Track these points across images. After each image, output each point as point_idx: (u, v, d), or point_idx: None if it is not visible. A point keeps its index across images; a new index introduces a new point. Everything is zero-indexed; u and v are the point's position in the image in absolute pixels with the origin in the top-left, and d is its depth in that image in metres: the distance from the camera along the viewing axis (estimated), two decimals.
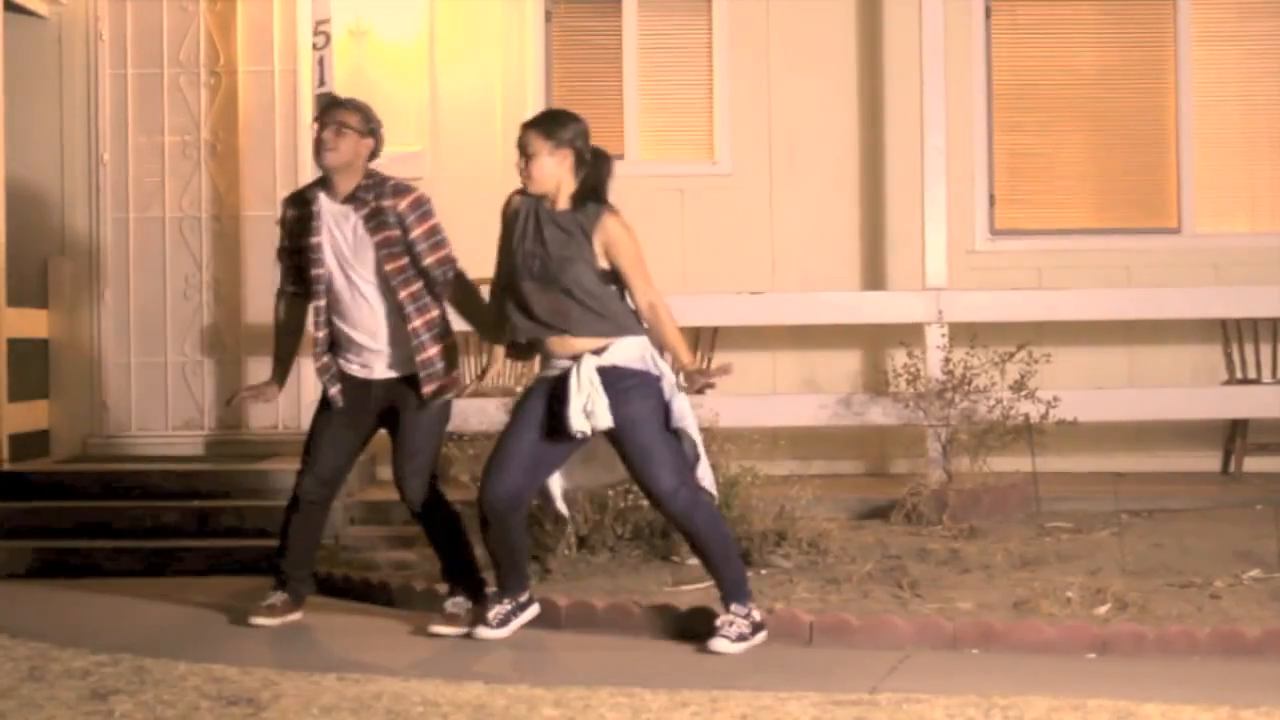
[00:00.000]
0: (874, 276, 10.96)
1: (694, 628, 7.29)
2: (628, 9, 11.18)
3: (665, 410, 7.08)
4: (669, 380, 7.16)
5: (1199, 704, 5.89)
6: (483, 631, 7.25)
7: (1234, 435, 10.49)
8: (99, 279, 11.07)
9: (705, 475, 7.17)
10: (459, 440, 8.68)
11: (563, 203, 7.17)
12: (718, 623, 7.02)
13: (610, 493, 8.27)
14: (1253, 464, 10.43)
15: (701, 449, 7.19)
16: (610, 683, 6.30)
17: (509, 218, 7.28)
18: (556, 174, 7.16)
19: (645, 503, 8.32)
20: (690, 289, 10.66)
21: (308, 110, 10.52)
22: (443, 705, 5.97)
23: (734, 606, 7.04)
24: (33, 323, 10.84)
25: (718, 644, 6.95)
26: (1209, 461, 10.68)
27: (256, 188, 11.10)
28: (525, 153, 7.18)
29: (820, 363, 10.88)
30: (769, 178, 11.11)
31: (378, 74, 11.02)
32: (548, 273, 7.09)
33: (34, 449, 10.80)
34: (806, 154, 11.08)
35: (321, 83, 10.06)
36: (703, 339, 10.70)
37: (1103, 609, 7.30)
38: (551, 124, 7.25)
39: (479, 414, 9.28)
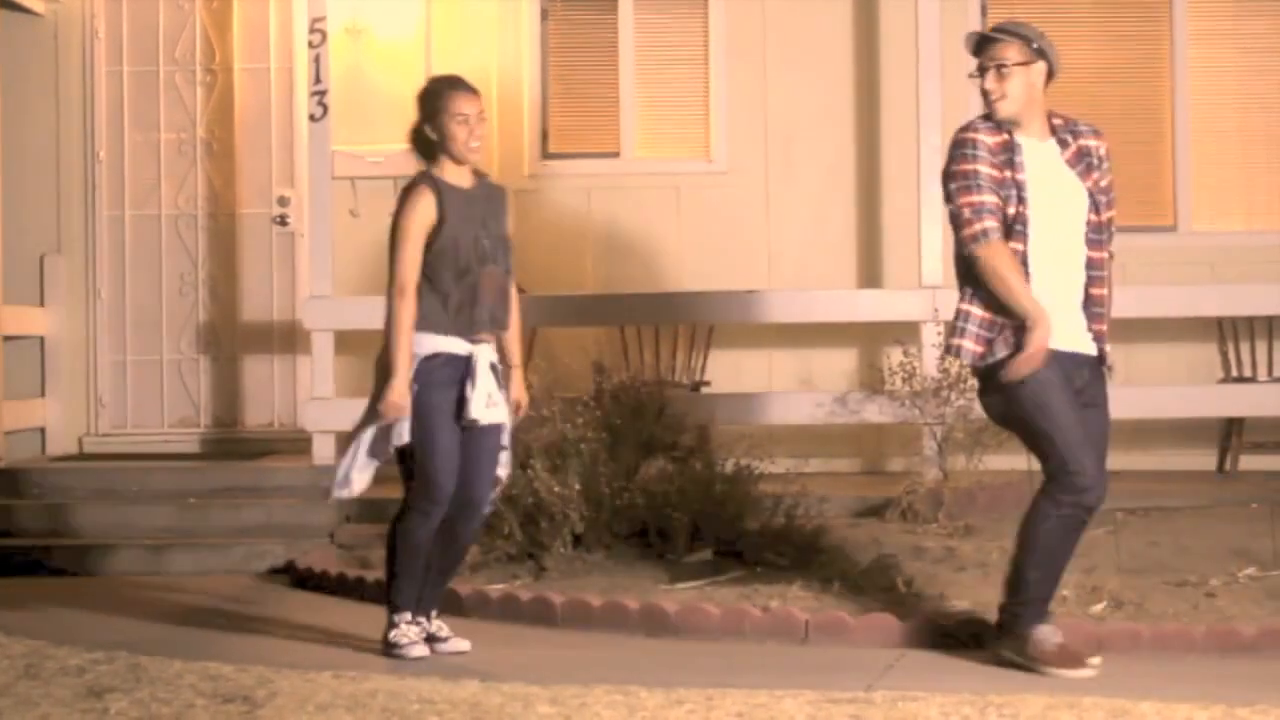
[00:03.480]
0: (870, 274, 10.96)
1: (691, 626, 7.30)
2: (624, 7, 11.17)
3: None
4: None
5: (1195, 702, 5.89)
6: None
7: (1230, 433, 10.49)
8: (95, 277, 11.07)
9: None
10: None
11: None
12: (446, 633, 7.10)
13: (606, 491, 8.27)
14: (1248, 462, 10.43)
15: None
16: (606, 681, 6.30)
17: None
18: None
19: (642, 501, 8.36)
20: (686, 287, 10.65)
21: (304, 108, 10.51)
22: (438, 703, 5.97)
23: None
24: (29, 320, 10.84)
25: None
26: (1205, 460, 10.68)
27: (252, 185, 11.10)
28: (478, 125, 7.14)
29: (816, 361, 10.88)
30: (765, 176, 11.10)
31: (374, 72, 11.02)
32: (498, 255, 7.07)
33: (30, 447, 10.81)
34: (803, 152, 11.07)
35: (317, 80, 10.05)
36: (698, 337, 10.70)
37: (1098, 607, 7.31)
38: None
39: None
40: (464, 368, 6.92)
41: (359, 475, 6.99)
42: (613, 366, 9.46)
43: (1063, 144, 6.72)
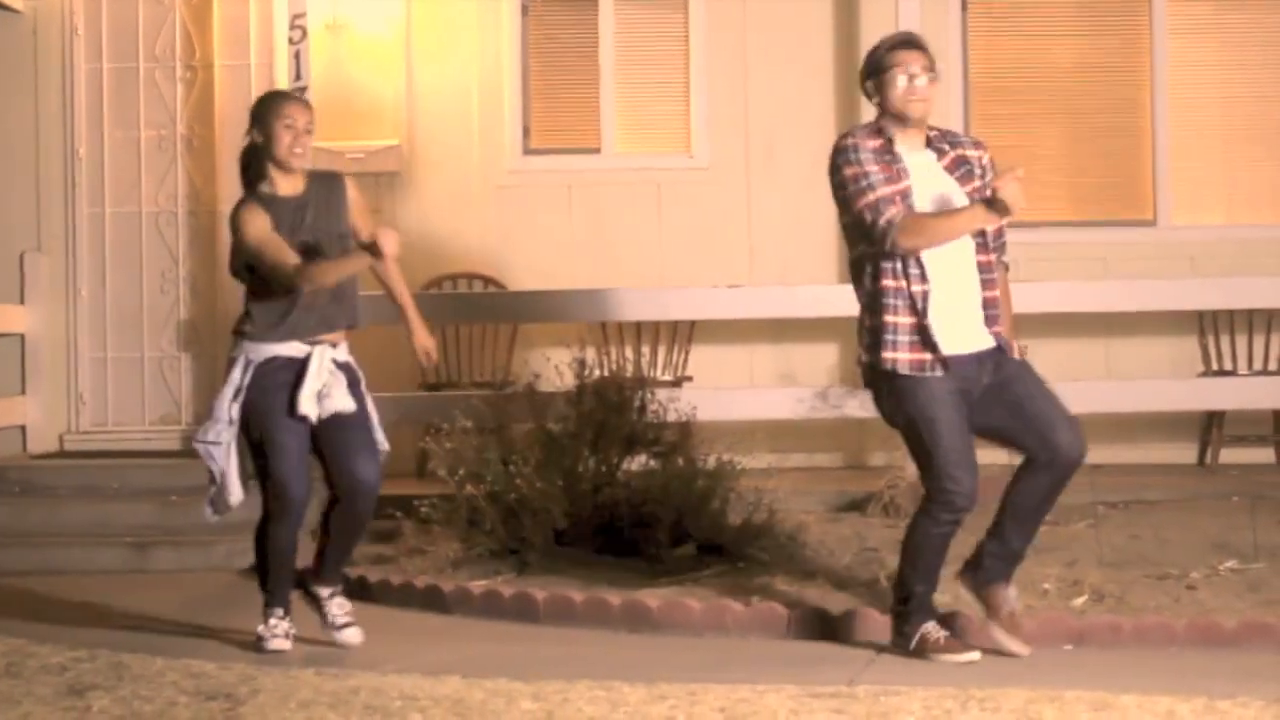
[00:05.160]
0: None
1: (674, 621, 7.31)
2: (604, 3, 11.17)
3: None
4: None
5: (1176, 695, 5.90)
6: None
7: (1210, 427, 10.52)
8: (75, 274, 11.04)
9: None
10: (437, 433, 8.68)
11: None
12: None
13: (588, 487, 8.27)
14: (1229, 455, 10.45)
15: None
16: (588, 676, 6.30)
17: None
18: None
19: (624, 496, 8.35)
20: (668, 283, 10.66)
21: None
22: (421, 699, 5.97)
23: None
24: (9, 318, 10.82)
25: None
26: (1186, 453, 10.70)
27: (233, 182, 10.90)
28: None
29: (798, 356, 10.89)
30: (746, 171, 11.11)
31: (354, 68, 11.01)
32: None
33: (10, 444, 10.79)
34: (784, 147, 11.07)
35: (298, 77, 10.04)
36: (680, 332, 10.71)
37: (1080, 601, 7.32)
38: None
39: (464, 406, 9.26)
40: (300, 368, 6.97)
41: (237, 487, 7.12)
42: (594, 362, 9.45)
43: (939, 153, 6.84)
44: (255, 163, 7.14)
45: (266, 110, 7.12)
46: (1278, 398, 10.27)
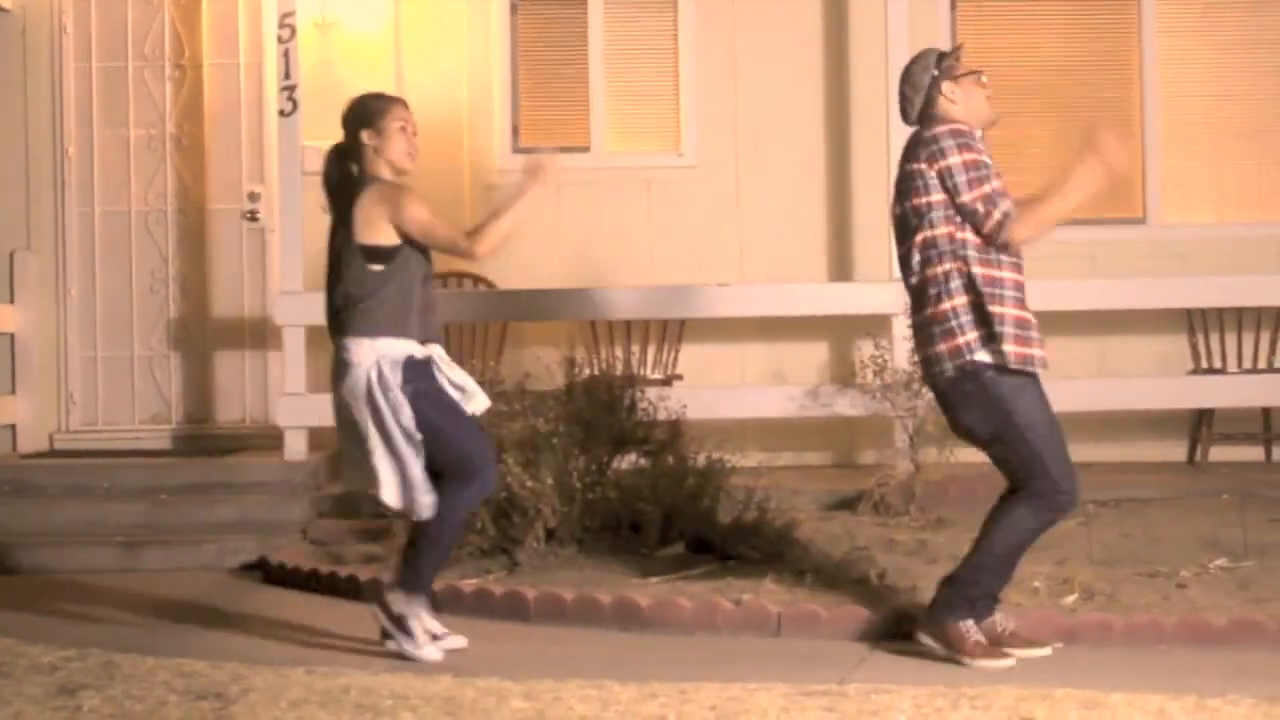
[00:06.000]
0: (841, 268, 10.97)
1: (664, 620, 7.31)
2: (593, 1, 11.17)
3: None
4: None
5: (1166, 693, 5.91)
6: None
7: (1200, 425, 10.53)
8: (65, 273, 11.04)
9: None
10: None
11: None
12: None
13: (579, 485, 8.27)
14: (1218, 453, 10.47)
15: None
16: (579, 675, 6.31)
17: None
18: None
19: (614, 495, 8.36)
20: (657, 281, 10.66)
21: (273, 104, 10.50)
22: (412, 698, 5.97)
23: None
24: None
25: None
26: (1176, 451, 10.72)
27: (222, 181, 11.08)
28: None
29: (788, 354, 10.89)
30: (735, 169, 11.11)
31: (344, 67, 10.99)
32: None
33: (0, 444, 10.78)
34: (773, 145, 11.08)
35: (287, 75, 10.03)
36: (670, 331, 10.71)
37: (1070, 599, 7.32)
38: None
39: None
40: (432, 369, 6.92)
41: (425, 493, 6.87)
42: (584, 361, 9.46)
43: None
44: (353, 162, 7.06)
45: (379, 114, 7.06)
46: (1267, 395, 10.29)
